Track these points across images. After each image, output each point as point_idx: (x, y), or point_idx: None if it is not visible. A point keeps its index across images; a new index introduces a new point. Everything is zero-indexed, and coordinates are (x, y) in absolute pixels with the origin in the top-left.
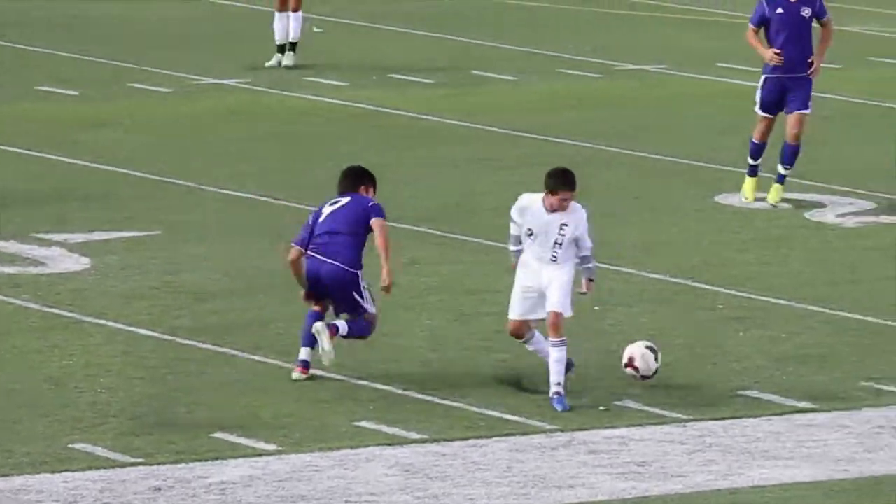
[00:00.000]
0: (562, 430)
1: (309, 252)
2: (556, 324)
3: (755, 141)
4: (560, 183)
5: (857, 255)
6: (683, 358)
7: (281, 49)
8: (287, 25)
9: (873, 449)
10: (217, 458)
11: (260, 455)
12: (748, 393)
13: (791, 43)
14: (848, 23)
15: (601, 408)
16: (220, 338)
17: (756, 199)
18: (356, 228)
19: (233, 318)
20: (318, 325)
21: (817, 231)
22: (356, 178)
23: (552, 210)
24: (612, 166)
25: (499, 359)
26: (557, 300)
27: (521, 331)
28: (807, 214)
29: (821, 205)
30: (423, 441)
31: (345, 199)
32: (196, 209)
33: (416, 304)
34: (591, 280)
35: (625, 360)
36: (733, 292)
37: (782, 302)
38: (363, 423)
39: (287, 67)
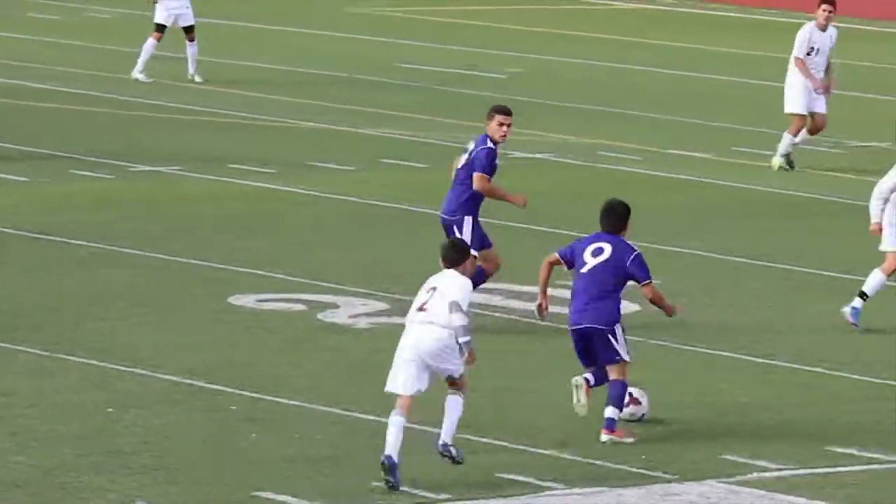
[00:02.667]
0: None
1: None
2: None
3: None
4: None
5: (370, 355)
6: (198, 459)
7: None
8: None
9: None
10: None
11: None
12: (261, 494)
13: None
14: (361, 125)
15: None
16: None
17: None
18: (615, 288)
19: None
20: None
21: (331, 332)
22: (620, 218)
23: None
24: (126, 267)
25: None
26: None
27: None
28: (320, 315)
29: (334, 305)
30: None
31: (607, 249)
32: None
33: None
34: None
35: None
36: (247, 393)
37: (296, 403)
38: None
39: None
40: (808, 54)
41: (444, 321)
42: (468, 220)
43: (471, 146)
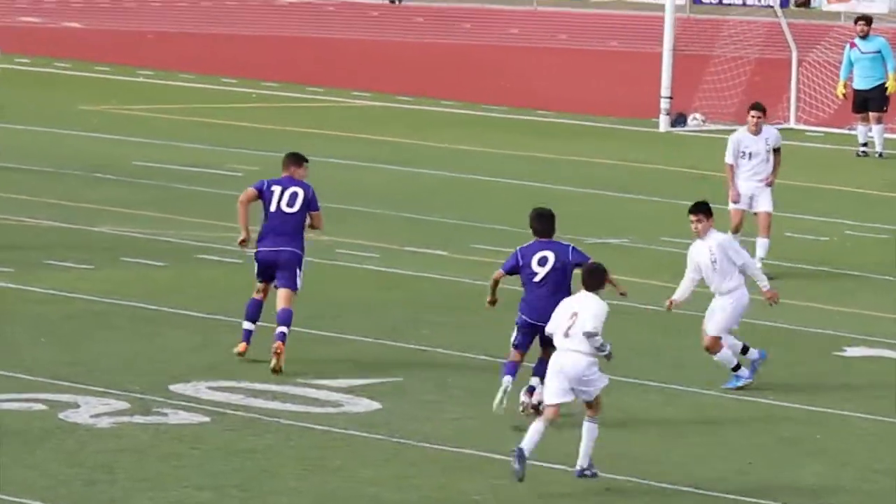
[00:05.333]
0: None
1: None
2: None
3: None
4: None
5: (111, 455)
6: None
7: None
8: None
9: None
10: None
11: None
12: None
13: None
14: (99, 223)
15: None
16: None
17: None
18: (566, 285)
19: None
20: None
21: (71, 432)
22: (550, 221)
23: None
24: None
25: None
26: None
27: None
28: (61, 415)
29: (75, 405)
30: None
31: (550, 256)
32: None
33: None
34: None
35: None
36: None
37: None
38: None
39: None
40: (742, 158)
41: (586, 348)
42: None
43: (296, 189)
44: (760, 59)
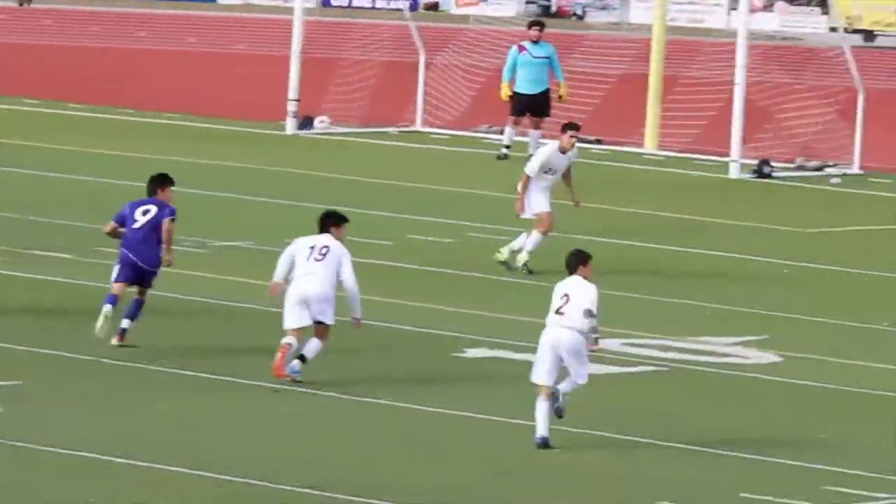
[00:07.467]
0: None
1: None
2: None
3: None
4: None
5: None
6: None
7: None
8: None
9: None
10: None
11: None
12: None
13: None
14: None
15: None
16: None
17: None
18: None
19: None
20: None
21: None
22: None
23: None
24: None
25: None
26: None
27: None
28: None
29: None
30: None
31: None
32: None
33: None
34: None
35: None
36: None
37: None
38: None
39: None
40: (546, 173)
41: (579, 325)
42: None
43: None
44: (389, 61)
